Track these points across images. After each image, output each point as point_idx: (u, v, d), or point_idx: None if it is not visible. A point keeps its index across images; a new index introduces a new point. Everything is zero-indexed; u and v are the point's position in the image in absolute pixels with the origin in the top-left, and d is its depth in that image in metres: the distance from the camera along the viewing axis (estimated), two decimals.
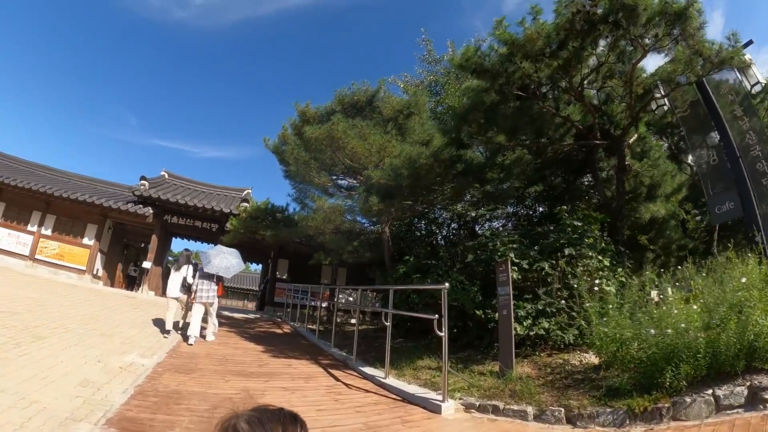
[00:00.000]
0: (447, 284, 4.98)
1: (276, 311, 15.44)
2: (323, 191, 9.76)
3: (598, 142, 8.68)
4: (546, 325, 6.33)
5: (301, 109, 9.90)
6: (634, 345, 4.48)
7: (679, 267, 6.96)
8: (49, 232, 15.68)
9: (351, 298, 17.20)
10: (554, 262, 6.69)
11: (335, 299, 9.06)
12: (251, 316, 13.55)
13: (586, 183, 11.63)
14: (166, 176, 17.79)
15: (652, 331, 4.23)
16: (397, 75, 12.41)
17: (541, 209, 11.98)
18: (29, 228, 15.76)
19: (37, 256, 15.35)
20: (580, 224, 7.13)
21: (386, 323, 5.98)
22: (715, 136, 7.36)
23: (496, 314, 6.55)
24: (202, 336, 7.81)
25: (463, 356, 7.04)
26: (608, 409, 4.06)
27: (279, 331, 10.55)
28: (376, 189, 7.00)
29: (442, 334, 4.91)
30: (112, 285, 16.77)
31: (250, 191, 17.45)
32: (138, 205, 14.80)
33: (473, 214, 12.31)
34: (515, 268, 6.39)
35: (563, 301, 6.47)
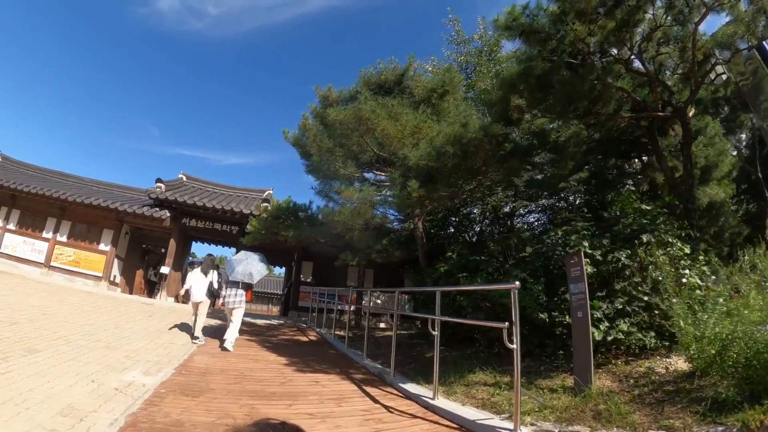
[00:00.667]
0: (518, 283, 3.87)
1: (300, 316, 14.52)
2: (349, 184, 8.77)
3: (660, 114, 7.54)
4: (624, 327, 5.22)
5: (323, 93, 8.96)
6: (737, 346, 3.67)
7: (738, 255, 5.86)
8: (64, 239, 15.19)
9: (379, 301, 16.18)
10: (629, 251, 5.54)
11: (368, 302, 7.90)
12: (274, 322, 12.63)
13: (633, 168, 10.42)
14: (184, 179, 17.14)
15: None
16: (423, 60, 11.35)
17: (577, 201, 10.78)
18: (44, 235, 15.32)
19: (52, 264, 14.86)
20: (649, 208, 6.02)
21: (433, 332, 4.90)
22: None
23: (566, 317, 5.45)
24: (223, 348, 7.17)
25: (522, 368, 5.92)
26: (720, 428, 3.18)
27: (304, 338, 9.57)
28: (415, 172, 5.95)
29: (514, 346, 3.81)
30: (130, 292, 16.16)
31: (271, 192, 16.63)
32: (154, 209, 14.12)
33: (507, 209, 11.17)
34: (587, 260, 5.25)
35: (645, 297, 5.36)
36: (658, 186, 9.26)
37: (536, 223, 11.65)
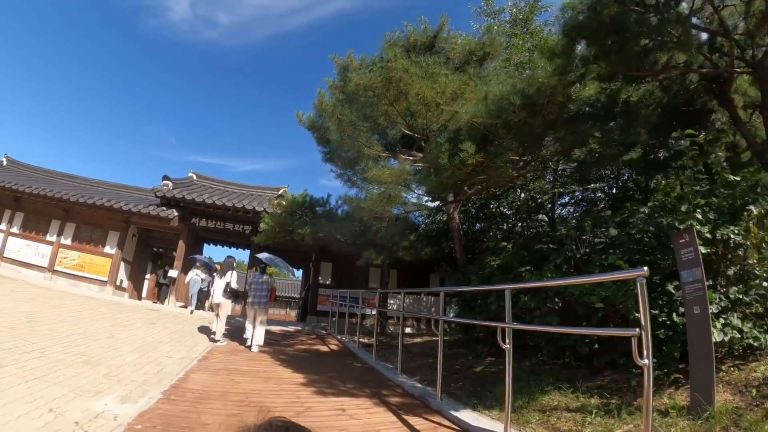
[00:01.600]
0: (645, 269, 2.57)
1: (319, 321, 13.31)
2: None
3: (738, 70, 6.21)
4: (738, 323, 4.10)
5: (342, 62, 7.75)
6: None
7: None
8: (68, 242, 14.31)
9: (403, 304, 14.86)
10: (738, 227, 4.24)
11: (399, 305, 6.43)
12: (291, 328, 11.43)
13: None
14: (194, 178, 16.14)
15: None
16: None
17: (612, 190, 9.34)
18: (48, 238, 14.46)
19: (56, 268, 13.98)
20: (739, 179, 4.78)
21: (504, 345, 3.58)
22: None
23: (669, 315, 4.16)
24: (248, 345, 7.33)
25: (603, 382, 4.58)
26: None
27: (324, 348, 8.32)
28: (467, 133, 4.65)
29: (645, 362, 2.51)
30: (139, 297, 15.20)
31: (286, 189, 15.51)
32: (161, 208, 13.10)
33: (541, 198, 9.79)
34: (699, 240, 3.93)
35: (766, 284, 4.30)
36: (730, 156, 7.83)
37: (569, 217, 10.27)
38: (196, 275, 11.14)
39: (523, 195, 10.04)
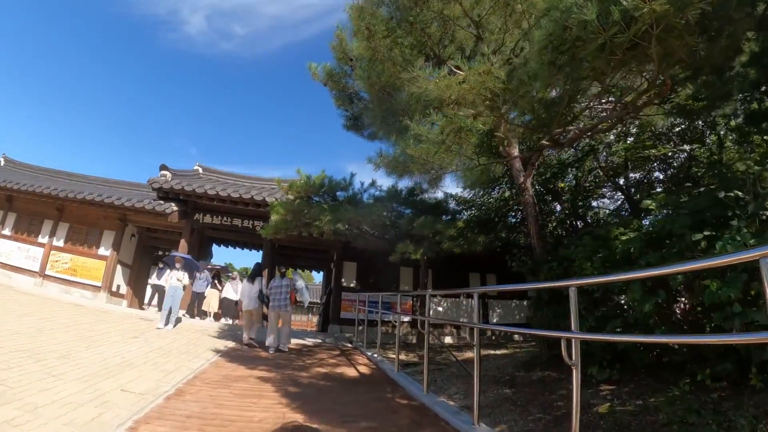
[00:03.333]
0: None
1: (343, 330, 11.29)
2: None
3: None
4: None
5: None
6: None
7: None
8: (61, 243, 12.73)
9: (440, 308, 12.74)
10: None
11: (477, 314, 4.11)
12: (309, 341, 9.43)
13: None
14: (200, 171, 14.40)
15: None
16: None
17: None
18: (40, 240, 12.91)
19: (47, 272, 12.40)
20: None
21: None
22: None
23: None
24: (276, 348, 7.54)
25: None
26: None
27: (351, 371, 6.28)
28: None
29: None
30: (140, 304, 13.51)
31: (300, 170, 13.57)
32: (158, 202, 11.37)
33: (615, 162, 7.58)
34: None
35: None
36: None
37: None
38: (177, 280, 8.87)
39: (596, 162, 7.85)
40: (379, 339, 7.15)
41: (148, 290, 13.77)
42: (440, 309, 12.75)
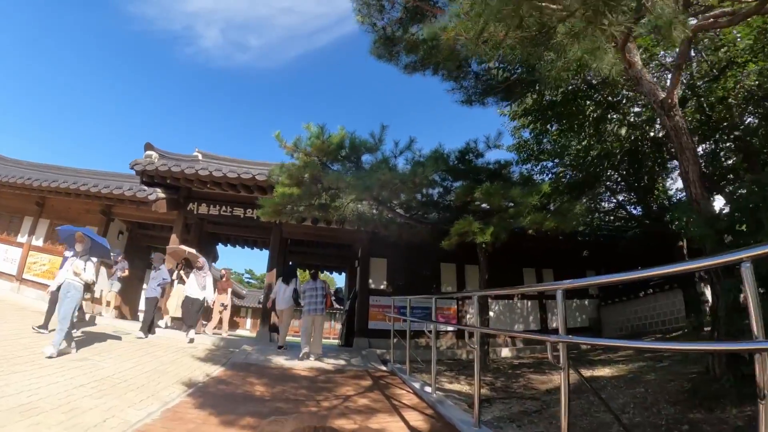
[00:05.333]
0: None
1: (372, 345, 8.82)
2: None
3: None
4: None
5: None
6: None
7: None
8: (40, 243, 10.91)
9: (491, 313, 10.23)
10: None
11: (563, 322, 2.11)
12: (329, 364, 6.97)
13: None
14: (200, 157, 12.23)
15: None
16: None
17: None
18: (19, 239, 11.11)
19: (24, 275, 10.57)
20: None
21: None
22: None
23: None
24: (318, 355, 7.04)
25: None
26: None
27: (393, 421, 3.88)
28: None
29: None
30: (132, 313, 11.52)
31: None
32: (139, 188, 9.30)
33: None
34: None
35: None
36: None
37: None
38: (73, 274, 5.79)
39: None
40: (434, 365, 4.67)
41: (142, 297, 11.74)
42: (491, 314, 10.23)
